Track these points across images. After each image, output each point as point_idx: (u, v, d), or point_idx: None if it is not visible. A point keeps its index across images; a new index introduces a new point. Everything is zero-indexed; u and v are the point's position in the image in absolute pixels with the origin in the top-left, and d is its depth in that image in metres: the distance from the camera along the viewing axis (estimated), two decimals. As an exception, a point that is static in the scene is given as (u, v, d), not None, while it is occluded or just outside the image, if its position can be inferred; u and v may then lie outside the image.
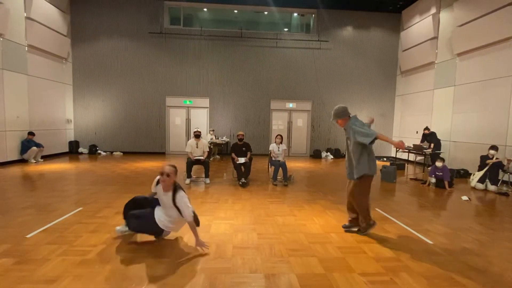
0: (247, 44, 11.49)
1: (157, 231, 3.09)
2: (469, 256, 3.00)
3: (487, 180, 6.30)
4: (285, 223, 3.86)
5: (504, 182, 6.58)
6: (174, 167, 2.98)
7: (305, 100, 11.86)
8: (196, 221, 3.07)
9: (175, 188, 2.95)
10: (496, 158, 6.34)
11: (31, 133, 8.60)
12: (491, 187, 6.20)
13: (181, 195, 2.91)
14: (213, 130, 11.02)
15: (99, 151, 11.13)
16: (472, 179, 6.54)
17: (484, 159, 6.51)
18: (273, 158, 6.58)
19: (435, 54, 9.65)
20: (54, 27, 9.71)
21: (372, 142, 3.19)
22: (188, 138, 11.40)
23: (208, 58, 11.45)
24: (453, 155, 8.71)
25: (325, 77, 11.81)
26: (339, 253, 2.99)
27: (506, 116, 7.07)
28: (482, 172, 6.37)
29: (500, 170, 6.30)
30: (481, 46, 7.74)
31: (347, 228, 3.67)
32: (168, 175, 2.89)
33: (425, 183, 6.66)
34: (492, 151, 6.39)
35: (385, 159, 11.29)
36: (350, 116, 3.45)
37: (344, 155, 12.03)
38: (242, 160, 6.29)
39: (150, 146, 11.54)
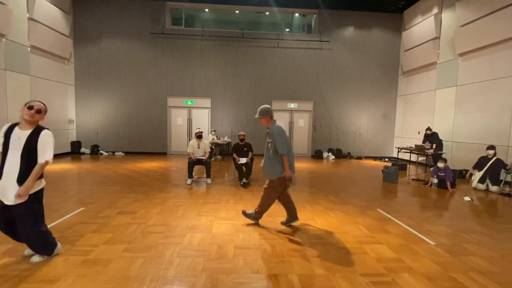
0: (249, 44, 11.50)
1: None
2: (471, 257, 2.98)
3: (487, 181, 6.26)
4: (287, 224, 3.86)
5: (506, 182, 6.53)
6: (45, 105, 2.53)
7: (307, 100, 11.85)
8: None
9: (39, 127, 2.48)
10: (496, 158, 6.28)
11: (33, 134, 8.64)
12: (493, 188, 6.16)
13: (49, 134, 2.46)
14: (214, 131, 11.04)
15: (101, 151, 11.16)
16: (473, 180, 6.51)
17: (483, 160, 6.45)
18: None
19: (437, 54, 9.62)
20: (57, 28, 9.76)
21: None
22: (189, 139, 11.42)
23: (210, 59, 11.46)
24: (455, 155, 8.67)
25: (327, 78, 11.80)
26: (341, 254, 2.99)
27: (509, 117, 7.03)
28: (481, 173, 6.33)
29: (503, 170, 6.24)
30: (484, 46, 7.71)
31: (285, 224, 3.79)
32: (39, 111, 2.43)
33: (427, 183, 6.63)
34: (490, 151, 6.34)
35: (386, 159, 11.27)
36: (273, 118, 3.60)
37: (346, 156, 12.00)
38: (243, 160, 6.30)
39: (152, 146, 11.56)
